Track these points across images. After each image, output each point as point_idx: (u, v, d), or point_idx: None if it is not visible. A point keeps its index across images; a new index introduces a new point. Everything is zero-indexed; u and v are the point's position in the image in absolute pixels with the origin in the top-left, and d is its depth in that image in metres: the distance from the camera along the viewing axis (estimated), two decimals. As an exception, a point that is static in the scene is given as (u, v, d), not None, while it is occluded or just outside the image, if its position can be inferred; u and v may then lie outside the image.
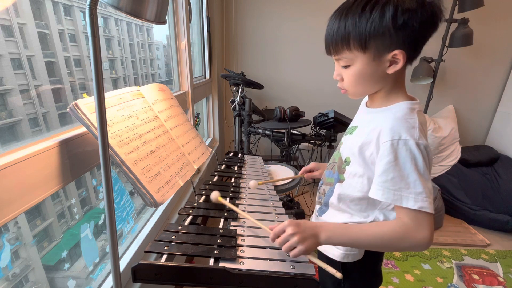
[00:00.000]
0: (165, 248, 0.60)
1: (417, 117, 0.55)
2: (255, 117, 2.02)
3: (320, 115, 1.77)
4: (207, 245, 0.62)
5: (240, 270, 0.55)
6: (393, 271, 1.58)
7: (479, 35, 2.08)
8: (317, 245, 0.56)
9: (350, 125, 0.70)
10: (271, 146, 2.29)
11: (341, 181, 0.66)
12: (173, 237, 0.63)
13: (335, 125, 1.73)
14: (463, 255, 1.74)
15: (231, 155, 1.32)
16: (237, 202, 0.84)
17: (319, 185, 0.77)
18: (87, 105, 0.57)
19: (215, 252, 0.59)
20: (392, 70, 0.55)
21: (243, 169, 1.14)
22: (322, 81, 2.38)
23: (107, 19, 1.14)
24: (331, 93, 2.36)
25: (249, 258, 0.59)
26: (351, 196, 0.64)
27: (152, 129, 0.74)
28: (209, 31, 1.97)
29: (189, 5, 1.45)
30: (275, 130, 1.73)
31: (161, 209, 1.19)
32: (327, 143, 1.76)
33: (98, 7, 0.41)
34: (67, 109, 0.56)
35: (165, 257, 0.58)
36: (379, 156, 0.55)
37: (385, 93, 0.60)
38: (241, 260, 0.58)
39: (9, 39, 0.64)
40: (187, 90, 1.48)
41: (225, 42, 2.38)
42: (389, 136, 0.53)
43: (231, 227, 0.70)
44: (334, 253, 0.68)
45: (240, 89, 1.83)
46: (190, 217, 0.74)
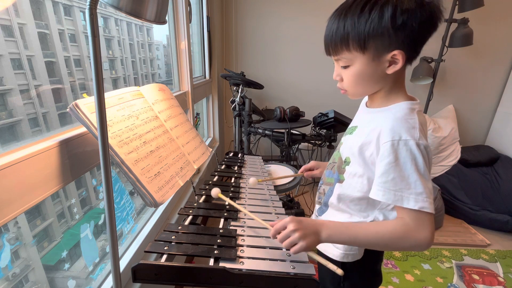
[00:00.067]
0: (165, 248, 0.60)
1: (417, 117, 0.55)
2: (255, 117, 2.02)
3: (320, 115, 1.77)
4: (207, 245, 0.62)
5: (240, 270, 0.55)
6: (393, 271, 1.58)
7: (479, 35, 2.08)
8: (318, 243, 0.56)
9: (350, 125, 0.70)
10: (271, 146, 2.29)
11: (341, 181, 0.66)
12: (173, 237, 0.63)
13: (335, 125, 1.73)
14: (463, 255, 1.74)
15: (231, 155, 1.32)
16: (237, 202, 0.84)
17: (319, 185, 0.77)
18: (87, 105, 0.57)
19: (215, 252, 0.59)
20: (391, 70, 0.55)
21: (243, 169, 1.14)
22: (322, 81, 2.38)
23: (107, 19, 1.14)
24: (331, 93, 2.36)
25: (249, 258, 0.59)
26: (351, 196, 0.64)
27: (152, 129, 0.74)
28: (209, 31, 1.97)
29: (189, 5, 1.45)
30: (275, 130, 1.73)
31: (161, 209, 1.18)
32: (327, 143, 1.76)
33: (98, 7, 0.41)
34: (67, 109, 0.56)
35: (165, 257, 0.58)
36: (379, 156, 0.55)
37: (385, 93, 0.60)
38: (241, 260, 0.58)
39: (9, 39, 0.64)
40: (187, 90, 1.48)
41: (225, 42, 2.38)
42: (389, 136, 0.53)
43: (231, 227, 0.70)
44: (333, 253, 0.68)
45: (240, 89, 1.83)
46: (190, 217, 0.74)
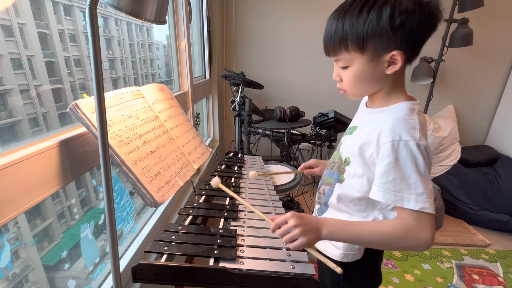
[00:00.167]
0: (165, 248, 0.60)
1: (417, 118, 0.55)
2: (255, 117, 2.02)
3: (320, 115, 1.77)
4: (207, 245, 0.62)
5: (240, 270, 0.55)
6: (393, 271, 1.58)
7: (479, 35, 2.08)
8: (318, 239, 0.56)
9: (349, 125, 0.70)
10: (271, 146, 2.29)
11: (340, 181, 0.66)
12: (173, 237, 0.63)
13: (335, 125, 1.73)
14: (463, 255, 1.74)
15: (231, 155, 1.32)
16: (237, 202, 0.84)
17: (319, 185, 0.77)
18: (87, 105, 0.57)
19: (215, 252, 0.59)
20: (390, 70, 0.55)
21: (243, 169, 1.14)
22: (322, 81, 2.38)
23: (107, 19, 1.14)
24: (331, 93, 2.36)
25: (249, 258, 0.59)
26: (351, 196, 0.64)
27: (152, 129, 0.74)
28: (209, 31, 1.97)
29: (189, 5, 1.45)
30: (275, 130, 1.73)
31: (161, 209, 1.19)
32: (327, 143, 1.76)
33: (98, 7, 0.41)
34: (67, 109, 0.56)
35: (165, 257, 0.58)
36: (379, 157, 0.55)
37: (385, 93, 0.60)
38: (241, 260, 0.58)
39: (9, 39, 0.64)
40: (187, 90, 1.48)
41: (225, 42, 2.38)
42: (389, 137, 0.53)
43: (231, 227, 0.70)
44: (333, 252, 0.68)
45: (240, 89, 1.83)
46: (190, 217, 0.74)
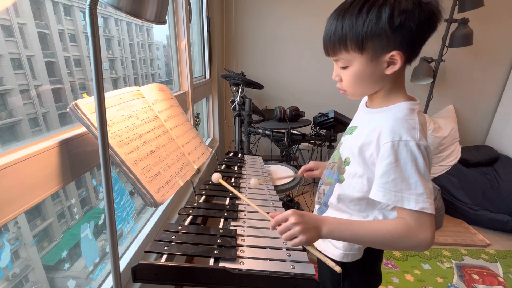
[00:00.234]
0: (165, 248, 0.60)
1: (417, 118, 0.55)
2: (255, 117, 2.02)
3: (320, 115, 1.77)
4: (207, 245, 0.62)
5: (240, 270, 0.55)
6: (393, 271, 1.58)
7: (479, 35, 2.08)
8: (318, 238, 0.56)
9: (349, 125, 0.70)
10: (271, 146, 2.29)
11: (340, 181, 0.66)
12: (173, 237, 0.63)
13: (335, 125, 1.73)
14: (463, 255, 1.74)
15: (231, 155, 1.32)
16: (237, 202, 0.84)
17: (319, 185, 0.77)
18: (87, 105, 0.57)
19: (215, 252, 0.59)
20: (390, 71, 0.55)
21: (243, 169, 1.14)
22: (322, 81, 2.38)
23: (107, 19, 1.14)
24: (331, 93, 2.36)
25: (249, 258, 0.59)
26: (351, 196, 0.64)
27: (152, 129, 0.74)
28: (209, 31, 1.97)
29: (189, 5, 1.45)
30: (275, 130, 1.73)
31: (161, 209, 1.18)
32: (327, 143, 1.76)
33: (98, 7, 0.41)
34: (67, 109, 0.56)
35: (165, 257, 0.58)
36: (379, 157, 0.55)
37: (385, 93, 0.60)
38: (241, 260, 0.58)
39: (9, 39, 0.64)
40: (187, 90, 1.48)
41: (225, 42, 2.38)
42: (389, 137, 0.53)
43: (231, 227, 0.70)
44: (333, 253, 0.68)
45: (240, 89, 1.83)
46: (190, 217, 0.74)
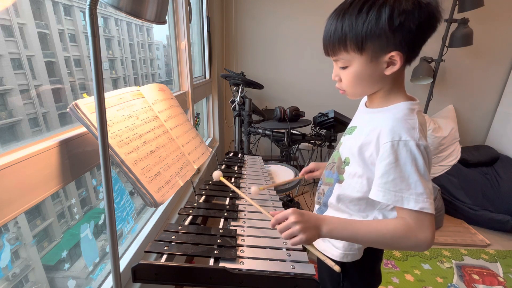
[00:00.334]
0: (165, 248, 0.60)
1: (417, 118, 0.55)
2: (255, 117, 2.02)
3: (320, 115, 1.77)
4: (207, 245, 0.62)
5: (240, 270, 0.55)
6: (393, 271, 1.58)
7: (479, 35, 2.08)
8: (318, 237, 0.56)
9: (349, 125, 0.70)
10: (271, 146, 2.29)
11: (340, 181, 0.66)
12: (173, 237, 0.63)
13: (335, 125, 1.73)
14: (463, 255, 1.74)
15: (231, 155, 1.32)
16: (237, 202, 0.84)
17: (319, 185, 0.77)
18: (87, 105, 0.57)
19: (215, 252, 0.59)
20: (389, 71, 0.55)
21: (243, 169, 1.14)
22: (322, 81, 2.38)
23: (107, 19, 1.14)
24: (331, 93, 2.36)
25: (249, 258, 0.59)
26: (351, 196, 0.64)
27: (152, 129, 0.74)
28: (209, 31, 1.97)
29: (189, 5, 1.45)
30: (275, 130, 1.73)
31: (161, 209, 1.19)
32: (327, 143, 1.76)
33: (98, 7, 0.41)
34: (67, 109, 0.56)
35: (165, 257, 0.58)
36: (379, 157, 0.55)
37: (384, 94, 0.60)
38: (241, 260, 0.58)
39: (9, 39, 0.64)
40: (187, 90, 1.48)
41: (225, 42, 2.38)
42: (389, 137, 0.53)
43: (231, 227, 0.70)
44: (333, 253, 0.68)
45: (240, 89, 1.83)
46: (190, 217, 0.74)
